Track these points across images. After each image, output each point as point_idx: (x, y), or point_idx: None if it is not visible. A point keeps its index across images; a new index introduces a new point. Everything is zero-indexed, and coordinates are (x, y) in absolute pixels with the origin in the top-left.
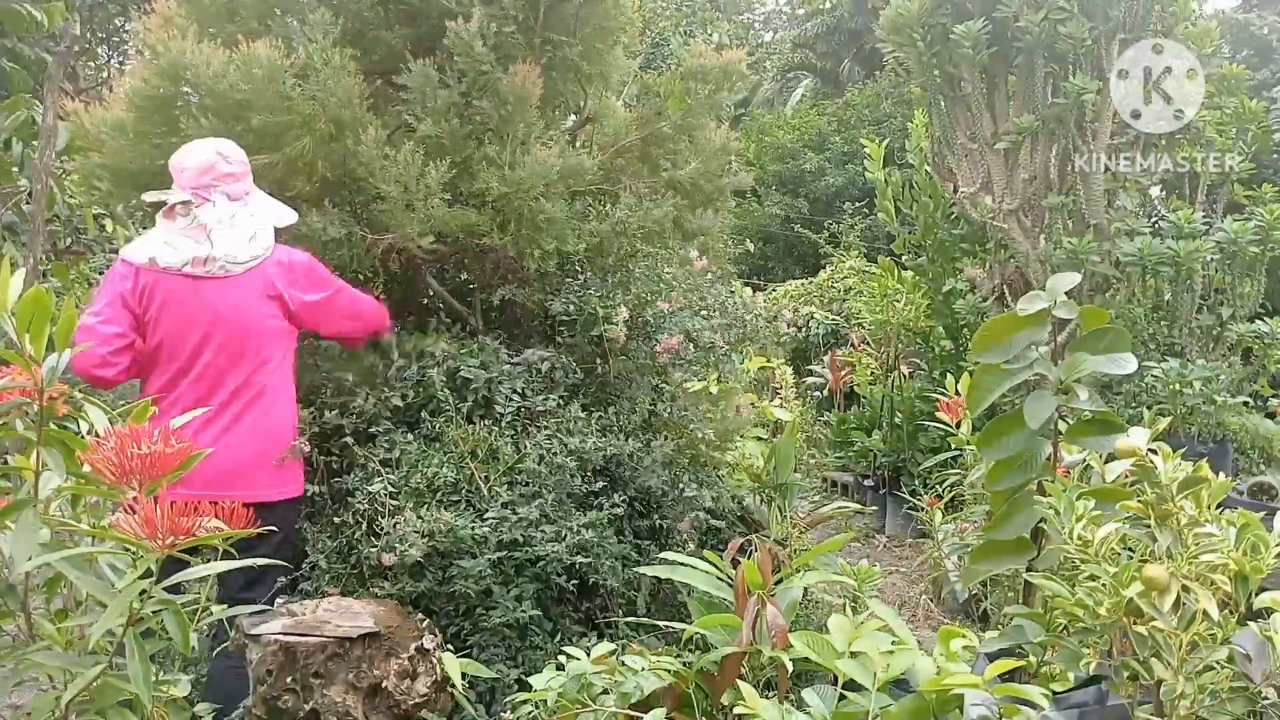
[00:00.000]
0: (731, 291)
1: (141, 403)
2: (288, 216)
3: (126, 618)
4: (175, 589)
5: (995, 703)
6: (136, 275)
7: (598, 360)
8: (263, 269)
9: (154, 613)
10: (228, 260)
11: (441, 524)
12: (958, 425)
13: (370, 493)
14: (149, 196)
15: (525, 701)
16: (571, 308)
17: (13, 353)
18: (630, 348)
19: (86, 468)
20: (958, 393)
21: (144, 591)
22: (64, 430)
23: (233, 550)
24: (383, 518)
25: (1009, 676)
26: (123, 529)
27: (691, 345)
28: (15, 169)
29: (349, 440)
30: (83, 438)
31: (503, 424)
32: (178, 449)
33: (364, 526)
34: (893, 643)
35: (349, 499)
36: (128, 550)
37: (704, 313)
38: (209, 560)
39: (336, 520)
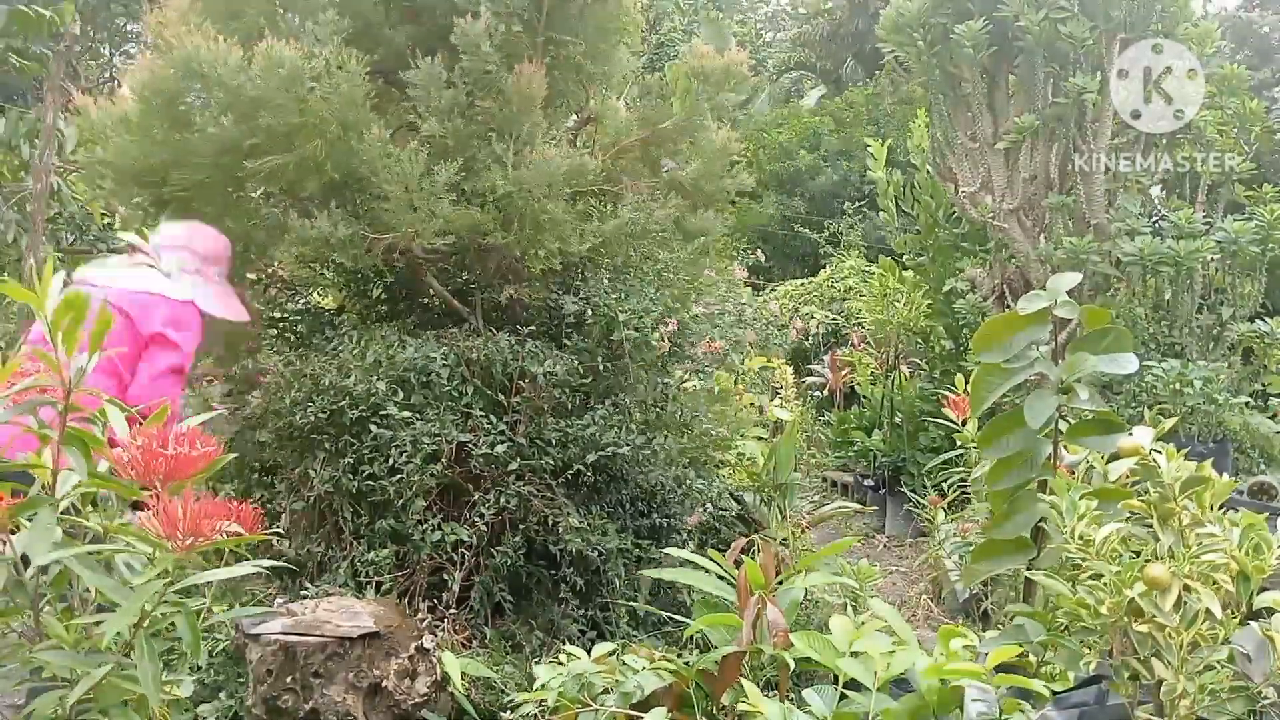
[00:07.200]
0: (744, 302)
1: (162, 405)
2: None
3: (138, 618)
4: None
5: (995, 700)
6: None
7: (600, 359)
8: None
9: (163, 614)
10: None
11: None
12: (963, 423)
13: None
14: None
15: (526, 700)
16: (587, 312)
17: (43, 352)
18: (635, 349)
19: (102, 465)
20: (966, 391)
21: (156, 592)
22: (82, 429)
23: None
24: None
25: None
26: (143, 527)
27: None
28: (21, 171)
29: None
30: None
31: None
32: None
33: None
34: (893, 642)
35: None
36: (136, 549)
37: (723, 317)
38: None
39: None
